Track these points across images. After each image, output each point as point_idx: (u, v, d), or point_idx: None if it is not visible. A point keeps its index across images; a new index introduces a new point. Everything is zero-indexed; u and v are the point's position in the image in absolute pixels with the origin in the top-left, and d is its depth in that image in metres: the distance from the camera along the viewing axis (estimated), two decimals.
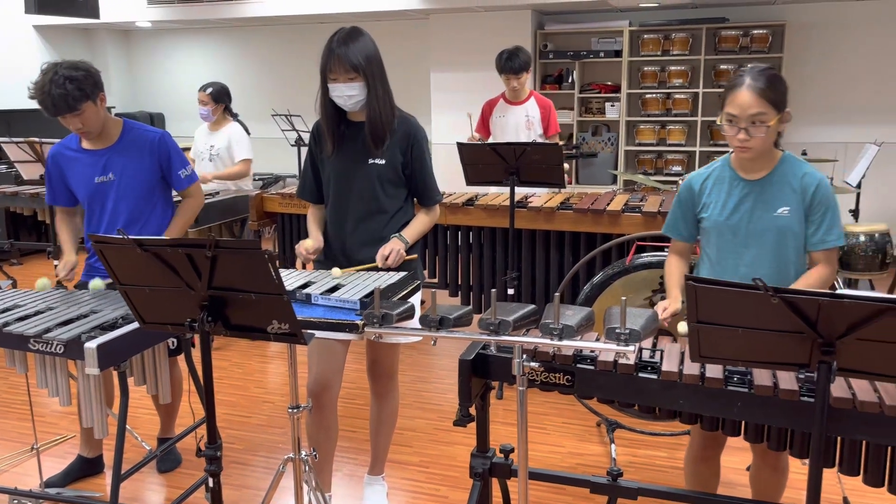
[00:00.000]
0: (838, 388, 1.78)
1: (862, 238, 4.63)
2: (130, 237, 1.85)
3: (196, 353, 2.59)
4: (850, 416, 1.74)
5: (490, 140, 4.70)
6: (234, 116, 5.05)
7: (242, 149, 4.89)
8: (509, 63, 4.48)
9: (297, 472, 2.42)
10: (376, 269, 2.53)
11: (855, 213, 5.55)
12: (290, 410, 2.39)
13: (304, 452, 2.43)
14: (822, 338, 1.52)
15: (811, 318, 1.50)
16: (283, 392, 4.06)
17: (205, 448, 2.01)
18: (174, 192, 3.10)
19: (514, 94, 4.67)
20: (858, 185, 5.26)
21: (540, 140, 4.70)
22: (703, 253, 2.38)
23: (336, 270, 2.52)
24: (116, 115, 3.04)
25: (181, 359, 3.00)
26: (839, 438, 1.80)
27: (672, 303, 2.27)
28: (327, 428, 2.69)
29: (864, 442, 1.78)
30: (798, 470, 2.93)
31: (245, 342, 4.82)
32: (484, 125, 4.81)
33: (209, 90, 4.85)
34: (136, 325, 2.38)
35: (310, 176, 2.73)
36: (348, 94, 2.49)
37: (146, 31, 8.78)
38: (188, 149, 5.18)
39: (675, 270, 2.40)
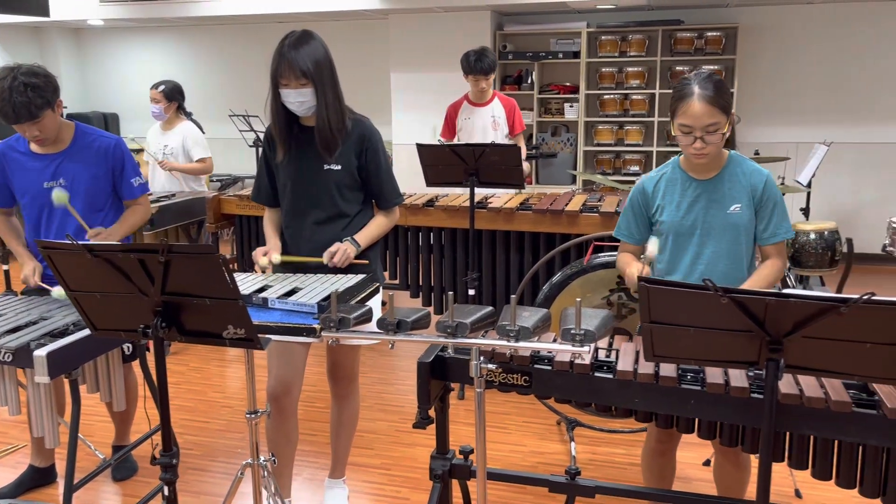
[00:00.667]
0: (786, 384, 1.82)
1: (812, 236, 4.75)
2: (80, 242, 1.81)
3: (151, 359, 2.55)
4: (798, 412, 1.79)
5: (457, 142, 4.69)
6: (188, 115, 4.97)
7: (199, 148, 4.84)
8: (479, 64, 4.48)
9: (255, 477, 2.40)
10: (322, 265, 2.51)
11: (805, 211, 5.69)
12: (248, 416, 2.36)
13: (262, 458, 2.40)
14: (770, 336, 1.56)
15: (759, 317, 1.54)
16: (242, 396, 4.01)
17: (159, 456, 1.98)
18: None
19: (480, 95, 4.66)
20: (809, 184, 5.40)
21: (506, 140, 4.72)
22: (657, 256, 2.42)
23: (276, 257, 2.50)
24: (68, 116, 2.97)
25: (136, 364, 2.95)
26: (788, 433, 1.84)
27: (638, 265, 2.27)
28: (287, 432, 2.67)
29: (811, 437, 1.83)
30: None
31: (204, 346, 4.75)
32: (449, 128, 4.80)
33: (161, 88, 4.77)
34: (87, 331, 2.33)
35: (265, 180, 2.70)
36: (300, 101, 2.46)
37: (98, 30, 8.58)
38: (141, 150, 5.11)
39: (627, 256, 2.42)
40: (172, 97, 4.80)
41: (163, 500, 2.04)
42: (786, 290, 1.53)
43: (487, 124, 4.68)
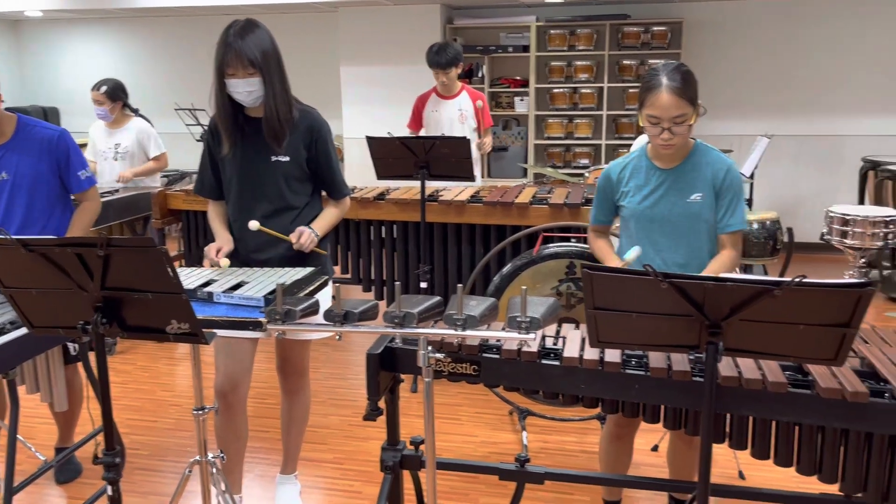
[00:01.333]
0: (726, 367, 1.87)
1: (755, 226, 4.89)
2: (14, 237, 1.76)
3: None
4: (738, 394, 1.83)
5: (423, 134, 4.67)
6: (135, 112, 4.87)
7: (154, 144, 4.80)
8: (437, 58, 4.46)
9: (204, 474, 2.37)
10: (290, 243, 2.51)
11: (749, 202, 5.85)
12: (195, 412, 2.33)
13: (211, 454, 2.37)
14: (709, 320, 1.60)
15: (698, 301, 1.57)
16: (191, 395, 3.95)
17: (102, 455, 1.93)
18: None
19: (444, 88, 4.64)
20: (751, 176, 5.54)
21: (474, 134, 4.72)
22: (622, 240, 2.47)
23: (254, 223, 2.48)
24: (6, 109, 2.87)
25: (81, 365, 2.88)
26: (728, 415, 1.90)
27: (616, 260, 2.38)
28: (236, 428, 2.63)
29: (750, 417, 1.88)
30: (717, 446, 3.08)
31: (152, 344, 4.66)
32: (416, 120, 4.78)
33: (103, 89, 4.64)
34: (24, 329, 2.26)
35: (209, 172, 2.66)
36: (248, 90, 2.43)
37: (37, 21, 8.31)
38: (84, 144, 4.97)
39: (603, 244, 2.52)
40: (116, 96, 4.69)
41: (108, 501, 1.99)
42: (723, 275, 1.57)
43: (454, 117, 4.67)
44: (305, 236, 2.51)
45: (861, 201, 5.96)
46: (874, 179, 5.50)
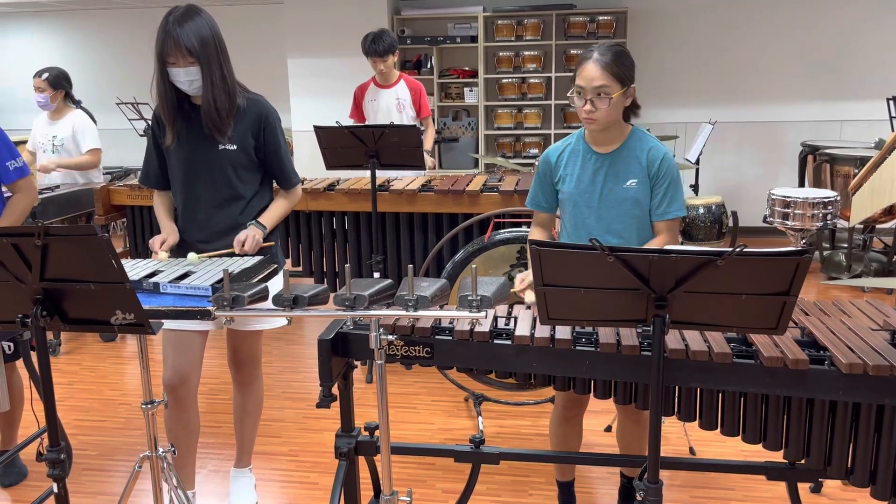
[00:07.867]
0: (673, 340, 1.91)
1: (701, 210, 5.00)
2: None
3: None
4: (685, 366, 1.87)
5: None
6: (77, 104, 4.73)
7: (89, 138, 4.61)
8: (374, 46, 4.44)
9: (154, 469, 2.32)
10: (233, 255, 2.46)
11: (695, 187, 5.97)
12: (143, 406, 2.28)
13: (161, 449, 2.32)
14: (655, 293, 1.63)
15: (644, 274, 1.60)
16: (140, 393, 3.86)
17: (46, 452, 1.88)
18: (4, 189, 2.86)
19: (382, 77, 4.63)
20: (697, 161, 5.67)
21: (414, 123, 4.71)
22: (562, 225, 2.48)
23: (192, 256, 2.43)
24: None
25: (20, 365, 2.79)
26: (676, 388, 1.93)
27: (529, 273, 2.35)
28: (187, 422, 2.59)
29: (698, 389, 1.93)
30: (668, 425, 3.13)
31: (98, 344, 4.54)
32: (357, 110, 4.76)
33: (45, 76, 4.51)
34: None
35: (154, 162, 2.60)
36: (189, 80, 2.38)
37: None
38: (23, 142, 4.81)
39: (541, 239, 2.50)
40: (58, 85, 4.55)
41: (55, 500, 1.94)
42: (667, 247, 1.60)
43: (392, 106, 4.66)
44: (249, 243, 2.46)
45: (801, 184, 6.14)
46: (813, 163, 5.67)
